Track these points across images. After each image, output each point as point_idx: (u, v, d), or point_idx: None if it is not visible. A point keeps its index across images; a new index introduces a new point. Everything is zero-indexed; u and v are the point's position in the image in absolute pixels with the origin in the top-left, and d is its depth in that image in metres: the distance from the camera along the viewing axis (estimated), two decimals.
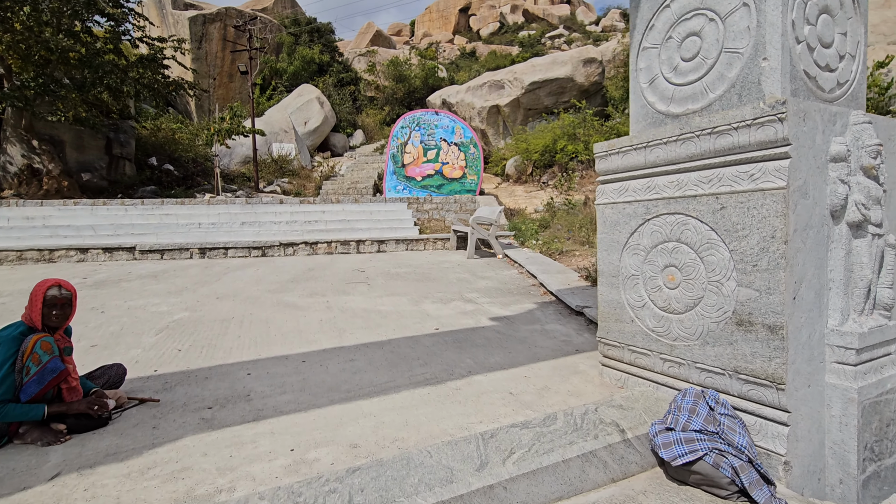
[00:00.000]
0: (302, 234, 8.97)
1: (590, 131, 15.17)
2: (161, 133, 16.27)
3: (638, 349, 2.41)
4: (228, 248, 8.23)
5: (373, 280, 5.90)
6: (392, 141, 13.40)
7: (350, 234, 9.07)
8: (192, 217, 9.41)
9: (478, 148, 13.25)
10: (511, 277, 6.01)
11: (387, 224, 9.64)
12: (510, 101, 17.73)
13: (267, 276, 6.34)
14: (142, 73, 12.39)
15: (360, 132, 24.78)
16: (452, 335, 3.63)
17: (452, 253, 8.46)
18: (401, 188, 13.40)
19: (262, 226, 9.23)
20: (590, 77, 17.36)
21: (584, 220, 9.68)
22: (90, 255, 7.83)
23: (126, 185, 13.86)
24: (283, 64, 24.32)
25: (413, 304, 4.68)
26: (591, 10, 52.98)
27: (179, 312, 4.43)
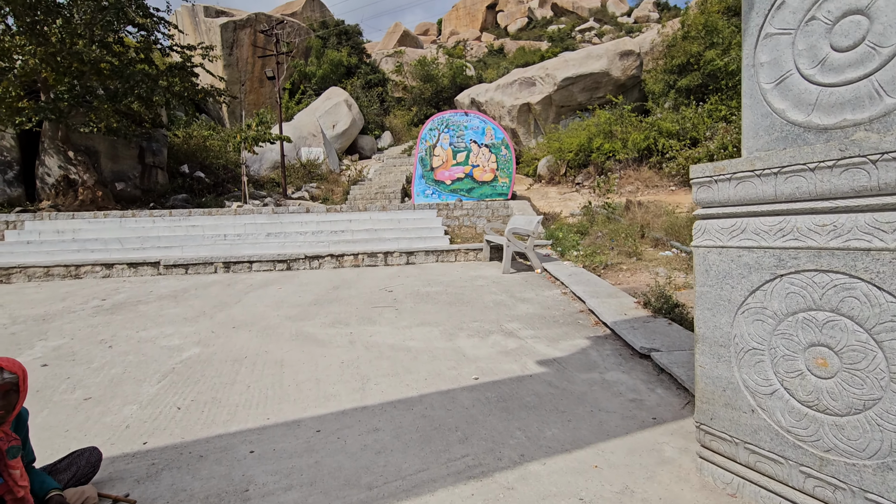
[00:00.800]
0: (328, 246, 8.50)
1: (628, 128, 14.22)
2: (193, 141, 16.21)
3: (762, 452, 1.73)
4: (253, 261, 7.83)
5: (401, 303, 5.33)
6: (420, 144, 12.83)
7: (377, 246, 8.54)
8: (219, 228, 9.08)
9: (509, 149, 12.53)
10: (554, 300, 5.33)
11: (415, 233, 9.08)
12: (542, 99, 16.89)
13: (289, 296, 5.86)
14: (172, 81, 12.21)
15: (387, 134, 24.37)
16: (495, 389, 3.00)
17: (486, 266, 7.82)
18: (429, 192, 12.82)
19: (288, 237, 8.81)
20: (627, 70, 16.34)
21: (629, 227, 8.85)
22: (115, 271, 7.57)
23: (158, 193, 13.79)
24: (311, 68, 24.12)
25: (446, 337, 4.07)
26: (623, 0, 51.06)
27: (190, 348, 3.96)
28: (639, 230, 8.72)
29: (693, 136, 13.35)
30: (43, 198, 12.38)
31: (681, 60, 14.49)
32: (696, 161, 12.49)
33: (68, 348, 4.04)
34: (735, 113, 13.04)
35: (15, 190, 12.29)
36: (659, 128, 13.65)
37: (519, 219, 7.73)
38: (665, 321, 3.98)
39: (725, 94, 13.79)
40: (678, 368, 3.01)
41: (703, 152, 12.46)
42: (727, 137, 12.42)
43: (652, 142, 13.71)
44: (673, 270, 6.61)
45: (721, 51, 13.87)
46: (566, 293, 5.55)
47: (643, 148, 13.84)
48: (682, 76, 14.85)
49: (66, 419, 2.75)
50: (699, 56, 14.36)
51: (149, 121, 13.35)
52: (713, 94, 14.15)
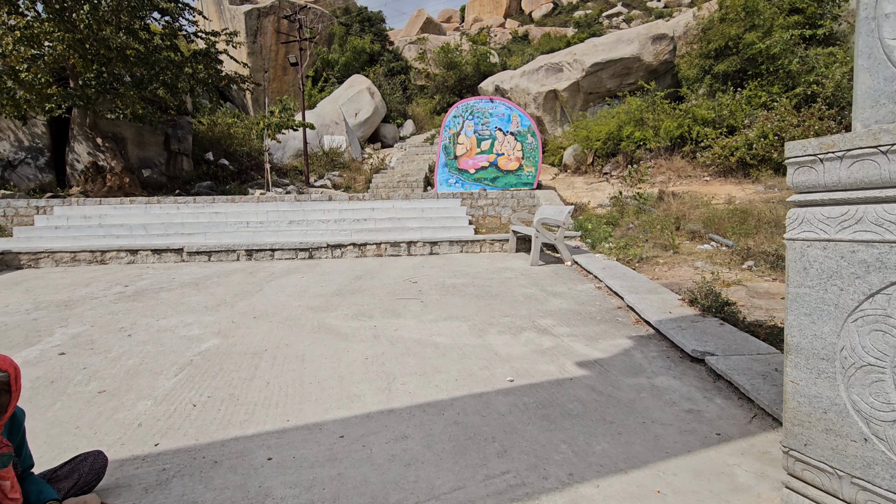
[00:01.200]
0: (350, 235, 8.31)
1: (660, 115, 13.60)
2: (217, 128, 16.21)
3: (878, 490, 1.42)
4: (275, 249, 7.69)
5: (426, 295, 5.08)
6: (444, 131, 12.50)
7: (400, 235, 8.31)
8: (241, 215, 8.98)
9: (536, 137, 12.10)
10: (588, 294, 5.00)
11: (439, 223, 8.81)
12: (569, 86, 16.33)
13: (311, 285, 5.68)
14: (196, 68, 12.14)
15: (410, 122, 24.06)
16: (533, 393, 2.73)
17: (512, 257, 7.51)
18: (453, 181, 12.52)
19: (310, 224, 8.65)
20: (659, 55, 15.64)
21: (664, 219, 8.41)
22: (140, 257, 7.52)
23: (184, 180, 13.82)
24: (334, 55, 23.91)
25: (476, 333, 3.81)
26: None
27: (209, 339, 3.80)
28: (674, 222, 8.27)
29: (730, 123, 12.69)
30: (73, 184, 12.53)
31: (718, 44, 13.74)
32: (733, 150, 11.89)
33: (87, 336, 3.92)
34: (776, 99, 12.32)
35: (46, 176, 12.46)
36: (693, 115, 13.02)
37: (548, 209, 7.38)
38: (715, 321, 3.64)
39: (765, 80, 13.05)
40: (739, 376, 2.69)
41: (741, 141, 11.84)
42: (767, 125, 11.76)
43: (686, 130, 13.10)
44: (715, 265, 6.19)
45: (762, 33, 13.09)
46: (601, 288, 5.21)
47: (676, 136, 13.24)
48: (719, 61, 14.10)
49: (78, 414, 2.59)
50: (738, 39, 13.60)
51: (174, 108, 13.35)
52: (752, 80, 13.41)
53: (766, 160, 11.64)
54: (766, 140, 11.48)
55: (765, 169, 11.59)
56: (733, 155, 11.90)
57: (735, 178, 12.20)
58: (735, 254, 6.45)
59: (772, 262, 5.84)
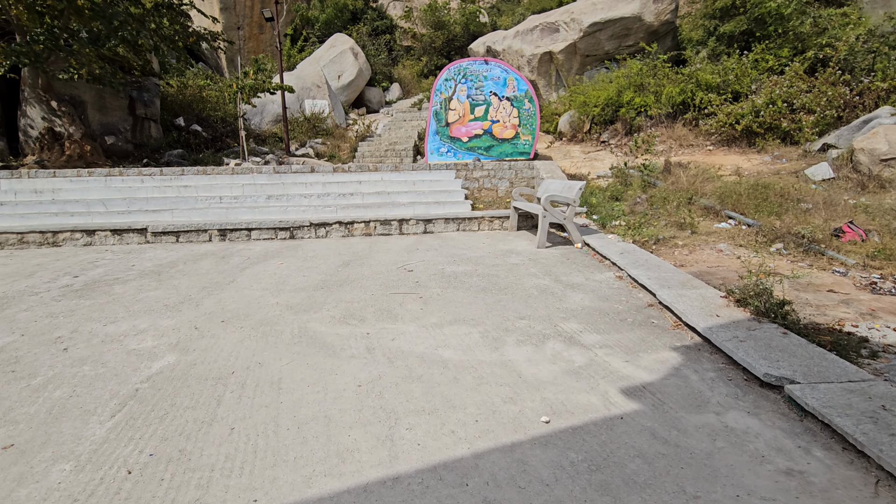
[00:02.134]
0: (335, 211, 7.48)
1: (662, 80, 12.75)
2: (188, 91, 14.85)
3: None
4: (252, 228, 6.85)
5: (425, 287, 4.37)
6: (435, 96, 11.50)
7: (391, 212, 7.51)
8: (214, 189, 8.05)
9: (534, 103, 11.20)
10: (610, 286, 4.35)
11: (432, 197, 8.01)
12: (565, 47, 15.26)
13: (292, 274, 4.92)
14: (160, 22, 10.78)
15: (396, 86, 22.69)
16: (579, 444, 2.08)
17: (515, 237, 6.80)
18: (444, 150, 11.63)
19: (291, 199, 7.78)
20: (660, 15, 14.60)
21: (675, 193, 7.75)
22: (98, 238, 6.62)
23: (152, 148, 12.64)
24: (314, 12, 22.15)
25: (490, 344, 3.13)
26: None
27: (164, 354, 3.06)
28: (686, 197, 7.61)
29: (735, 89, 11.93)
30: (28, 152, 11.30)
31: (724, 3, 12.77)
32: (739, 118, 11.18)
33: (12, 351, 3.14)
34: (788, 63, 11.54)
35: None
36: (697, 80, 12.20)
37: (554, 184, 6.64)
38: (776, 328, 3.01)
39: (774, 42, 12.21)
40: (842, 418, 2.07)
41: (747, 108, 11.13)
42: (776, 91, 11.04)
43: (688, 96, 12.31)
44: (738, 246, 5.59)
45: None
46: (622, 277, 4.56)
47: (678, 102, 12.45)
48: (725, 21, 13.18)
49: None
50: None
51: (138, 68, 12.02)
52: (759, 42, 12.57)
53: (773, 128, 10.98)
54: (774, 107, 10.79)
55: (771, 138, 10.94)
56: (738, 123, 11.21)
57: (739, 148, 11.55)
58: (760, 234, 5.85)
59: (805, 246, 5.25)
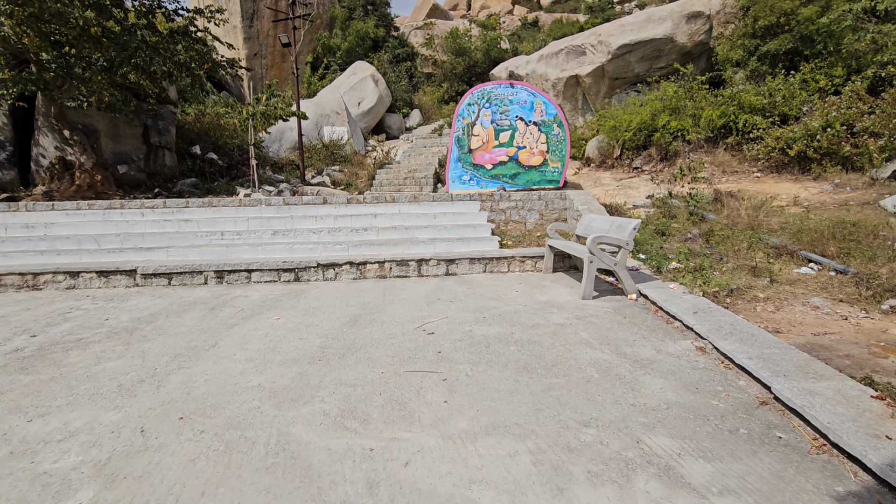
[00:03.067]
0: (347, 249, 6.57)
1: (700, 103, 11.72)
2: (206, 119, 14.44)
3: None
4: (252, 270, 5.98)
5: (450, 361, 3.36)
6: (457, 121, 10.70)
7: (408, 249, 6.57)
8: (217, 223, 7.26)
9: (563, 128, 10.27)
10: (692, 363, 3.26)
11: (455, 232, 7.06)
12: (593, 70, 14.41)
13: (287, 336, 3.97)
14: (174, 49, 10.33)
15: (416, 112, 22.17)
16: None
17: (552, 281, 5.76)
18: (467, 178, 10.75)
19: (299, 235, 6.93)
20: (694, 36, 13.67)
21: (737, 229, 6.63)
22: (82, 281, 5.84)
23: (165, 177, 12.11)
24: (336, 40, 21.95)
25: (549, 483, 2.08)
26: None
27: (83, 486, 2.09)
28: (747, 233, 6.48)
29: (783, 111, 10.81)
30: (38, 182, 10.84)
31: (768, 20, 11.76)
32: (791, 142, 10.04)
33: None
34: (843, 83, 10.41)
35: (7, 173, 10.76)
36: (740, 102, 11.13)
37: (598, 220, 5.61)
38: None
39: (824, 61, 11.11)
40: None
41: (799, 131, 9.97)
42: (832, 113, 9.88)
43: (730, 118, 11.23)
44: (837, 302, 4.43)
45: (819, 7, 11.12)
46: (704, 350, 3.46)
47: (719, 126, 11.39)
48: (767, 40, 12.15)
49: None
50: (791, 14, 11.63)
51: (153, 96, 11.57)
52: (806, 62, 11.48)
53: (831, 154, 9.79)
54: (832, 130, 9.62)
55: (829, 164, 9.74)
56: (790, 148, 10.05)
57: (791, 174, 10.37)
58: (859, 285, 4.69)
59: None
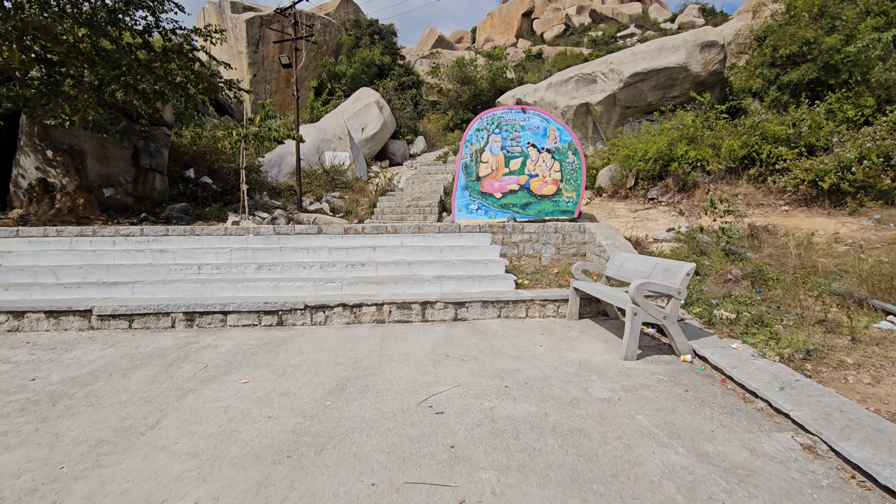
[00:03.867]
0: (340, 288, 5.65)
1: (721, 132, 11.03)
2: (202, 142, 13.78)
3: None
4: (228, 311, 5.06)
5: (468, 464, 2.40)
6: (464, 147, 9.96)
7: (411, 289, 5.66)
8: (195, 255, 6.39)
9: (578, 155, 9.52)
10: (805, 473, 2.30)
11: (465, 269, 6.17)
12: (604, 98, 13.81)
13: (252, 412, 3.01)
14: (167, 68, 9.67)
15: (420, 139, 21.64)
16: None
17: (580, 331, 4.82)
18: (474, 207, 9.93)
19: (287, 270, 6.03)
20: (708, 65, 13.11)
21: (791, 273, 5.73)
22: (27, 323, 4.91)
23: (154, 201, 11.32)
24: (341, 67, 21.63)
25: None
26: (665, 6, 47.47)
27: None
28: (802, 276, 5.57)
29: (810, 142, 10.07)
30: (15, 204, 10.04)
31: (789, 49, 11.17)
32: (821, 174, 9.27)
33: None
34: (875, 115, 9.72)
35: None
36: (763, 131, 10.42)
37: (633, 261, 4.72)
38: None
39: (851, 91, 10.45)
40: None
41: (831, 163, 9.19)
42: (866, 144, 9.13)
43: (753, 149, 10.50)
44: None
45: (844, 36, 10.53)
46: (812, 448, 2.50)
47: (741, 156, 10.65)
48: (787, 69, 11.55)
49: None
50: (813, 43, 11.05)
51: (146, 117, 10.90)
52: (832, 91, 10.84)
53: (867, 187, 9.00)
54: (868, 163, 8.85)
55: (865, 198, 8.93)
56: (822, 180, 9.27)
57: (822, 208, 9.56)
58: None
59: None
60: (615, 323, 5.13)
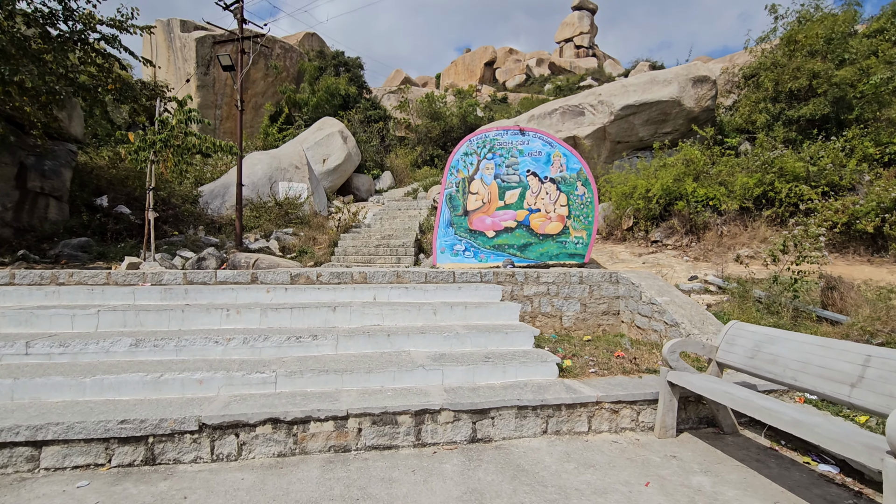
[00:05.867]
0: (274, 381, 3.25)
1: (734, 169, 9.67)
2: (125, 164, 11.09)
3: None
4: (46, 440, 2.55)
5: None
6: (449, 175, 7.96)
7: (395, 380, 3.34)
8: (36, 319, 3.81)
9: (589, 186, 7.72)
10: None
11: (473, 342, 3.93)
12: (593, 132, 12.42)
13: None
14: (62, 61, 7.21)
15: (388, 174, 19.66)
16: None
17: (701, 468, 2.66)
18: (461, 248, 7.84)
19: (187, 346, 3.58)
20: (701, 101, 12.06)
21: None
22: None
23: (43, 234, 8.46)
24: (303, 94, 19.60)
25: None
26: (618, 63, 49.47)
27: None
28: None
29: (832, 180, 8.81)
30: None
31: (798, 84, 10.15)
32: (858, 216, 7.93)
33: None
34: None
35: None
36: (780, 168, 9.10)
37: (798, 345, 2.68)
38: None
39: (871, 127, 9.42)
40: None
41: (868, 204, 7.86)
42: None
43: (769, 187, 9.14)
44: None
45: (857, 70, 9.62)
46: None
47: (757, 195, 9.27)
48: (794, 105, 10.52)
49: None
50: (820, 77, 10.08)
51: (39, 126, 8.25)
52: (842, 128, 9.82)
53: None
54: None
55: None
56: (858, 222, 7.90)
57: (856, 254, 8.18)
58: None
59: None
60: (739, 443, 3.03)
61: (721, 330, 3.81)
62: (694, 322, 4.24)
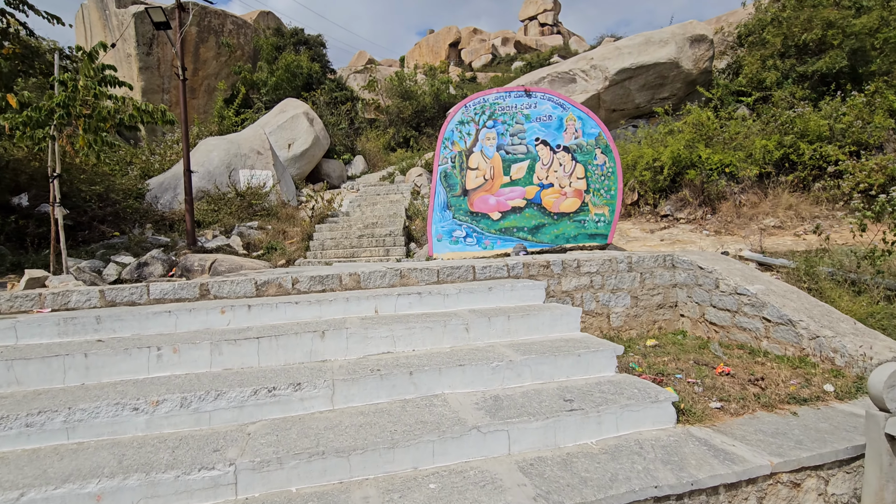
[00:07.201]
0: (232, 478, 1.88)
1: (752, 130, 8.67)
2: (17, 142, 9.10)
3: None
4: None
5: None
6: (442, 149, 6.55)
7: (436, 453, 2.00)
8: None
9: (611, 154, 6.49)
10: None
11: (531, 370, 2.64)
12: (586, 100, 11.19)
13: None
14: None
15: (360, 159, 17.95)
16: None
17: None
18: (461, 234, 6.50)
19: (79, 425, 2.14)
20: (699, 62, 11.00)
21: None
22: None
23: None
24: (261, 74, 17.52)
25: None
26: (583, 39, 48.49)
27: None
28: None
29: (859, 139, 7.91)
30: None
31: (813, 35, 9.17)
32: None
33: None
34: None
35: None
36: (801, 129, 8.15)
37: None
38: None
39: (893, 79, 8.57)
40: None
41: None
42: None
43: (789, 149, 8.19)
44: None
45: (877, 17, 8.71)
46: None
47: (776, 159, 8.31)
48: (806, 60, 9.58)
49: None
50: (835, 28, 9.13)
51: None
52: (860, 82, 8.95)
53: None
54: None
55: None
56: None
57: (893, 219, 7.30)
58: None
59: None
60: None
61: (874, 334, 2.64)
62: (815, 318, 3.08)
